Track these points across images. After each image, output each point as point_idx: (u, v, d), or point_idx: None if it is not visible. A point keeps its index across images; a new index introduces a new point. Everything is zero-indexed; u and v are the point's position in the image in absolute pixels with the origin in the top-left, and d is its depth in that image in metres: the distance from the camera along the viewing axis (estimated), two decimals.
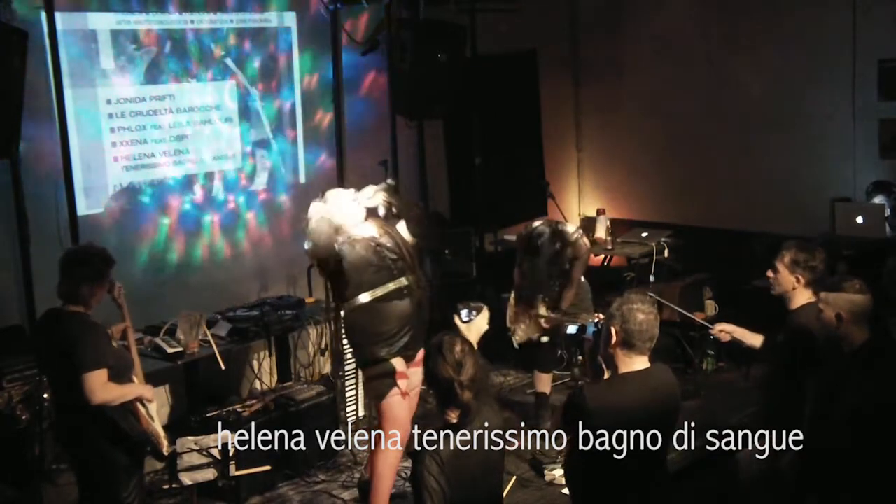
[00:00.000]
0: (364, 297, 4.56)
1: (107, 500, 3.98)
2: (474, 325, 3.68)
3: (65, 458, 4.81)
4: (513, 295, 5.92)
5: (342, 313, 4.80)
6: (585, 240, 5.87)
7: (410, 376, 4.62)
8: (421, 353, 4.71)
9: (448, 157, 8.04)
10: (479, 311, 3.80)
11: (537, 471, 5.25)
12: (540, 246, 5.66)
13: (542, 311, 5.75)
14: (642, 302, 3.20)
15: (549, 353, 6.03)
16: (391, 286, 4.55)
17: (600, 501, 3.24)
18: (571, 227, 5.85)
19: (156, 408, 4.19)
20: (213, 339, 5.50)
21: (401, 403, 4.53)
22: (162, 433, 4.14)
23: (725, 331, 4.40)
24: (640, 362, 3.18)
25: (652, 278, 6.81)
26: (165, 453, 4.15)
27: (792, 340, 3.98)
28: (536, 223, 5.85)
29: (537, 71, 8.49)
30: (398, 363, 4.57)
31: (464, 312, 3.87)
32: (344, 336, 4.98)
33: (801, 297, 4.05)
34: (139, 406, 4.02)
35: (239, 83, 6.58)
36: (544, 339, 5.81)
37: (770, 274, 4.14)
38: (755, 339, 4.39)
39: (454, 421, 3.07)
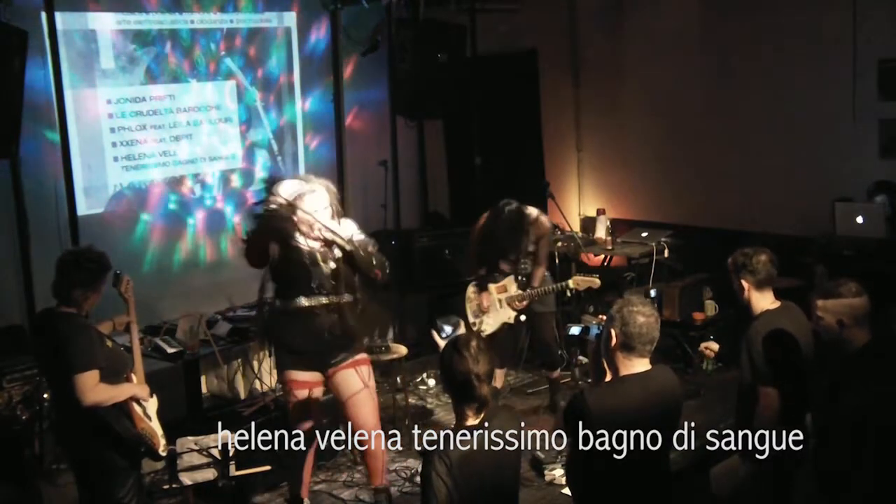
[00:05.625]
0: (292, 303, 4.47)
1: (104, 501, 3.98)
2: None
3: (65, 457, 4.82)
4: (470, 289, 6.01)
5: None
6: (545, 217, 6.05)
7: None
8: (363, 356, 4.65)
9: (448, 157, 8.04)
10: (456, 325, 3.80)
11: (537, 471, 5.25)
12: (506, 213, 5.76)
13: (514, 290, 5.88)
14: (643, 304, 3.19)
15: (509, 346, 6.14)
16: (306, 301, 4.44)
17: (601, 502, 3.24)
18: (531, 209, 5.96)
19: (154, 406, 4.17)
20: (212, 339, 5.50)
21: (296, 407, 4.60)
22: (159, 432, 4.12)
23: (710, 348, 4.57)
24: (640, 364, 3.18)
25: (653, 291, 6.80)
26: (162, 453, 4.14)
27: (749, 350, 3.93)
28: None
29: (537, 71, 8.49)
30: (295, 373, 4.58)
31: (445, 328, 3.87)
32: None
33: (761, 301, 4.01)
34: (134, 405, 4.01)
35: (239, 83, 6.58)
36: (522, 317, 5.93)
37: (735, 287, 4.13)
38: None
39: (472, 421, 3.06)
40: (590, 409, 3.09)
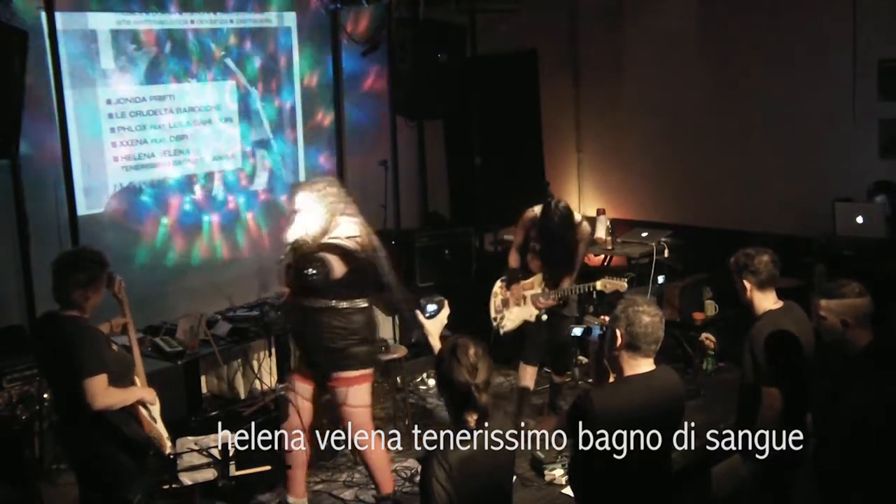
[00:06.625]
0: None
1: (107, 502, 3.97)
2: (437, 319, 3.67)
3: (65, 458, 4.81)
4: (497, 284, 5.97)
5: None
6: (587, 224, 6.01)
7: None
8: (346, 374, 4.64)
9: (448, 157, 8.04)
10: (440, 304, 3.80)
11: (537, 471, 5.26)
12: (560, 209, 5.69)
13: (540, 288, 5.82)
14: (647, 304, 3.19)
15: (536, 343, 6.06)
16: None
17: (604, 502, 3.24)
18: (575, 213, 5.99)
19: (158, 409, 4.17)
20: (212, 339, 5.50)
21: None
22: (165, 435, 4.12)
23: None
24: (645, 364, 3.18)
25: (661, 279, 6.76)
26: (170, 456, 4.14)
27: (752, 349, 3.93)
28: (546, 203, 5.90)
29: (537, 71, 8.49)
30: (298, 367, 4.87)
31: (428, 307, 3.87)
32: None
33: (764, 302, 4.00)
34: (141, 409, 4.00)
35: (239, 83, 6.58)
36: (544, 317, 5.86)
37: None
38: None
39: (472, 425, 3.05)
40: (594, 409, 3.08)
